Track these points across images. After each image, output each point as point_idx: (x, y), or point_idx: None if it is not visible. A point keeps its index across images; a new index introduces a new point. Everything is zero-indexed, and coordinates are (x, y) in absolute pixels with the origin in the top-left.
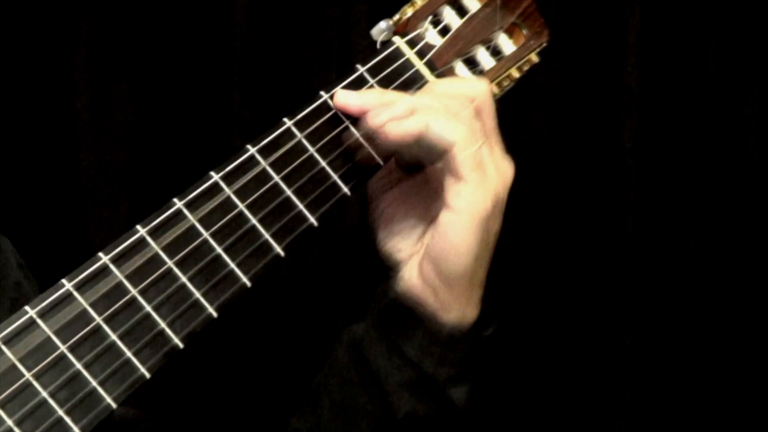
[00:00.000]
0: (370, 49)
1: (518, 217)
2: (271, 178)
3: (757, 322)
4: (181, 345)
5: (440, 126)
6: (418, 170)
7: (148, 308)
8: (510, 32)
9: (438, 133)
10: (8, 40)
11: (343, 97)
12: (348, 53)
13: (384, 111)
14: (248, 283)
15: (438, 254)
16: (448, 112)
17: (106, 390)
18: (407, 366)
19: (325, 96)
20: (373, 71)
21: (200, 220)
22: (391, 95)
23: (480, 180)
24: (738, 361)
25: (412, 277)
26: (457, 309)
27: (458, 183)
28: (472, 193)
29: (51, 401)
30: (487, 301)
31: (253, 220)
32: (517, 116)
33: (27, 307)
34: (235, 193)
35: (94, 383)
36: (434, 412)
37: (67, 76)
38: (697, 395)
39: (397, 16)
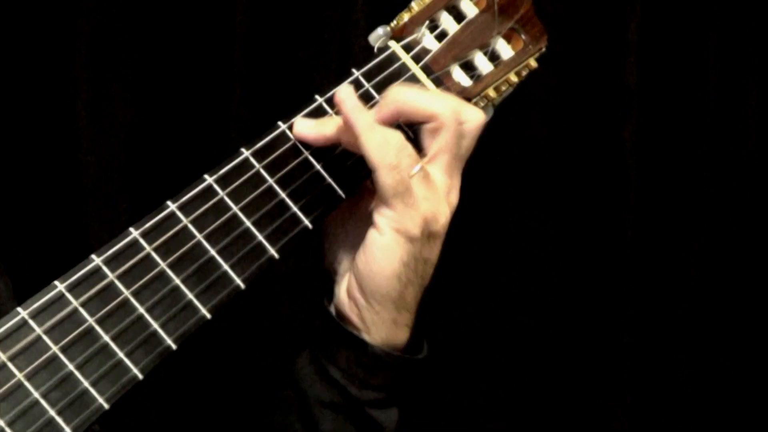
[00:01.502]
0: (367, 52)
1: (518, 217)
2: (265, 180)
3: (757, 322)
4: (174, 346)
5: (367, 148)
6: None
7: (141, 309)
8: (508, 37)
9: (364, 153)
10: (8, 40)
11: (300, 128)
12: (347, 54)
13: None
14: (242, 285)
15: (362, 271)
16: (383, 134)
17: (98, 390)
18: (333, 388)
19: (320, 99)
20: (368, 75)
21: (194, 223)
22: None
23: (405, 205)
24: (738, 361)
25: (341, 292)
26: (381, 330)
27: (383, 204)
28: (395, 217)
29: (43, 402)
30: (419, 326)
31: (247, 223)
32: (517, 116)
33: (19, 308)
34: (229, 195)
35: (86, 384)
36: None
37: (67, 76)
38: (697, 395)
39: (394, 22)
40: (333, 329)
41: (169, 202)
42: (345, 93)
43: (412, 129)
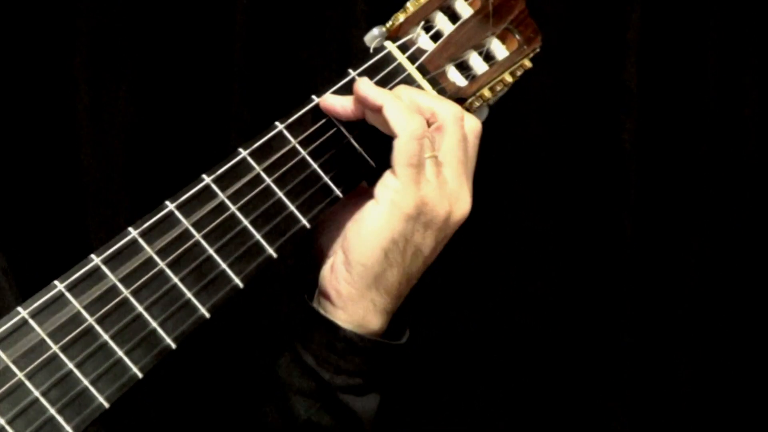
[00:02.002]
0: (363, 53)
1: (517, 217)
2: (263, 180)
3: (757, 322)
4: (173, 345)
5: (394, 112)
6: None
7: (140, 308)
8: (503, 38)
9: (389, 116)
10: (8, 40)
11: (329, 101)
12: (348, 54)
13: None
14: (240, 284)
15: (350, 239)
16: (408, 108)
17: (98, 389)
18: (307, 374)
19: (316, 99)
20: (364, 75)
21: (192, 222)
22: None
23: (411, 180)
24: (738, 361)
25: (325, 269)
26: (357, 308)
27: (390, 176)
28: (396, 188)
29: (43, 400)
30: (403, 315)
31: (245, 222)
32: (517, 116)
33: (19, 308)
34: (227, 195)
35: (85, 382)
36: (337, 423)
37: (67, 77)
38: (697, 395)
39: (389, 23)
40: (307, 314)
41: (167, 202)
42: (363, 81)
43: None
